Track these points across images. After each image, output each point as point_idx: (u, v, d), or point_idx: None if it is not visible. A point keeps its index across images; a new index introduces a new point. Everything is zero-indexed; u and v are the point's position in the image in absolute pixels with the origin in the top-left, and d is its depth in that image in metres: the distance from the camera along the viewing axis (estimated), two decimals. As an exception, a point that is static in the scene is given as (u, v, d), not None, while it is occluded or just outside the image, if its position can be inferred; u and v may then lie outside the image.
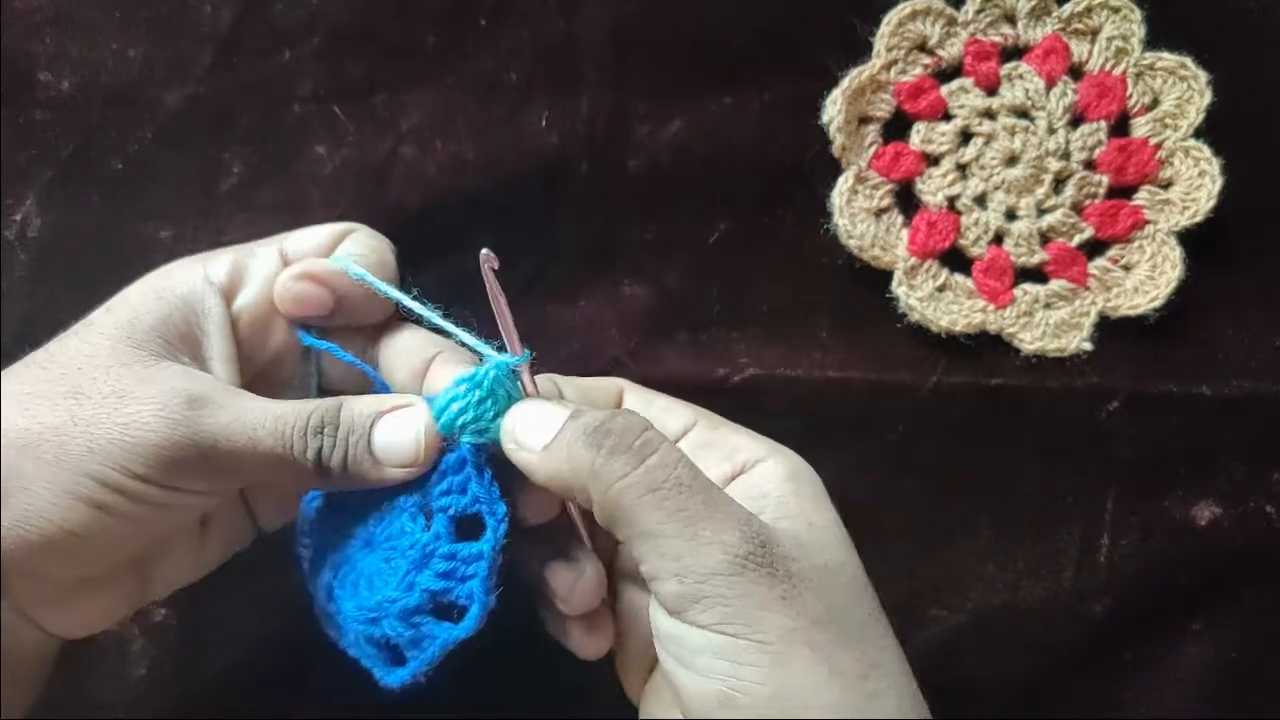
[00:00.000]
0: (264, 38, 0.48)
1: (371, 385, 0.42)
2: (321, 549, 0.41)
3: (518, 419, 0.37)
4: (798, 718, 0.33)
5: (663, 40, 0.48)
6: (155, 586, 0.41)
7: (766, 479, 0.38)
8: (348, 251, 0.41)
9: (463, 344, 0.39)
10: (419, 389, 0.40)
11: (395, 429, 0.37)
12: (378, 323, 0.42)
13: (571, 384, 0.42)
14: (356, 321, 0.41)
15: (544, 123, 0.48)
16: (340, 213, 0.48)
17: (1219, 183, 0.47)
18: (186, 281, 0.40)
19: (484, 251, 0.37)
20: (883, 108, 0.49)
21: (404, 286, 0.41)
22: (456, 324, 0.39)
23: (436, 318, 0.39)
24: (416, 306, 0.40)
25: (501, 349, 0.39)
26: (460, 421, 0.37)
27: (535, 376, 0.39)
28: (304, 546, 0.41)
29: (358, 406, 0.38)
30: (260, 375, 0.42)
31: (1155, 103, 0.48)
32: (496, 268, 0.37)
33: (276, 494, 0.43)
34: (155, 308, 0.39)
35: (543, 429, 0.36)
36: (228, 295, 0.40)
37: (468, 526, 0.38)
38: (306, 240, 0.42)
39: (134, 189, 0.48)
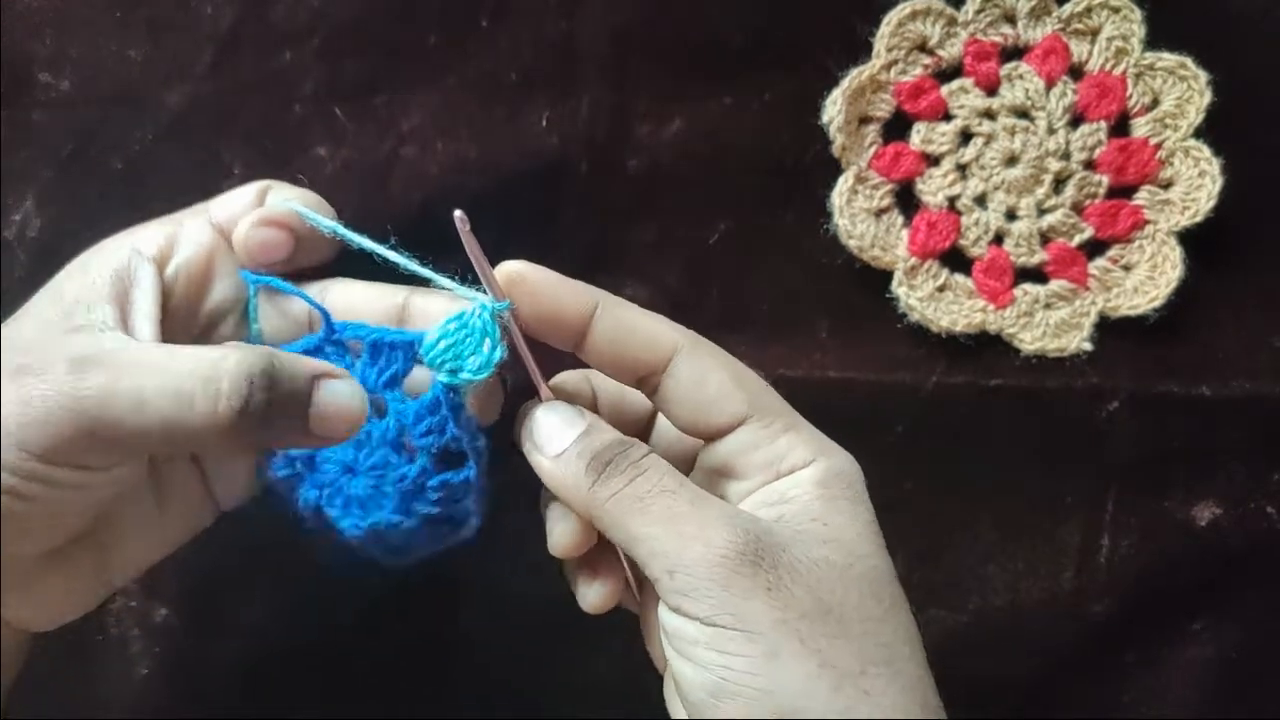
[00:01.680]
0: (264, 38, 0.48)
1: (320, 326, 0.41)
2: (298, 472, 0.42)
3: (540, 421, 0.38)
4: (787, 712, 0.33)
5: (663, 40, 0.48)
6: (117, 570, 0.40)
7: (796, 484, 0.37)
8: (282, 199, 0.42)
9: (443, 288, 0.39)
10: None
11: (338, 389, 0.36)
12: (322, 278, 0.42)
13: (606, 384, 0.42)
14: (309, 262, 0.42)
15: (544, 123, 0.48)
16: (341, 213, 0.48)
17: (1219, 183, 0.47)
18: (114, 253, 0.39)
19: (457, 214, 0.36)
20: (883, 108, 0.49)
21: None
22: (427, 266, 0.39)
23: (409, 261, 0.39)
24: (383, 250, 0.39)
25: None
26: (443, 361, 0.39)
27: (575, 373, 0.41)
28: (278, 469, 0.42)
29: (295, 360, 0.35)
30: (200, 339, 0.41)
31: (1155, 103, 0.48)
32: (468, 228, 0.37)
33: (229, 468, 0.42)
34: (80, 279, 0.38)
35: (557, 439, 0.38)
36: (159, 263, 0.39)
37: (449, 454, 0.40)
38: (232, 202, 0.42)
39: (134, 189, 0.48)
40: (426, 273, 0.39)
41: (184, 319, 0.40)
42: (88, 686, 0.48)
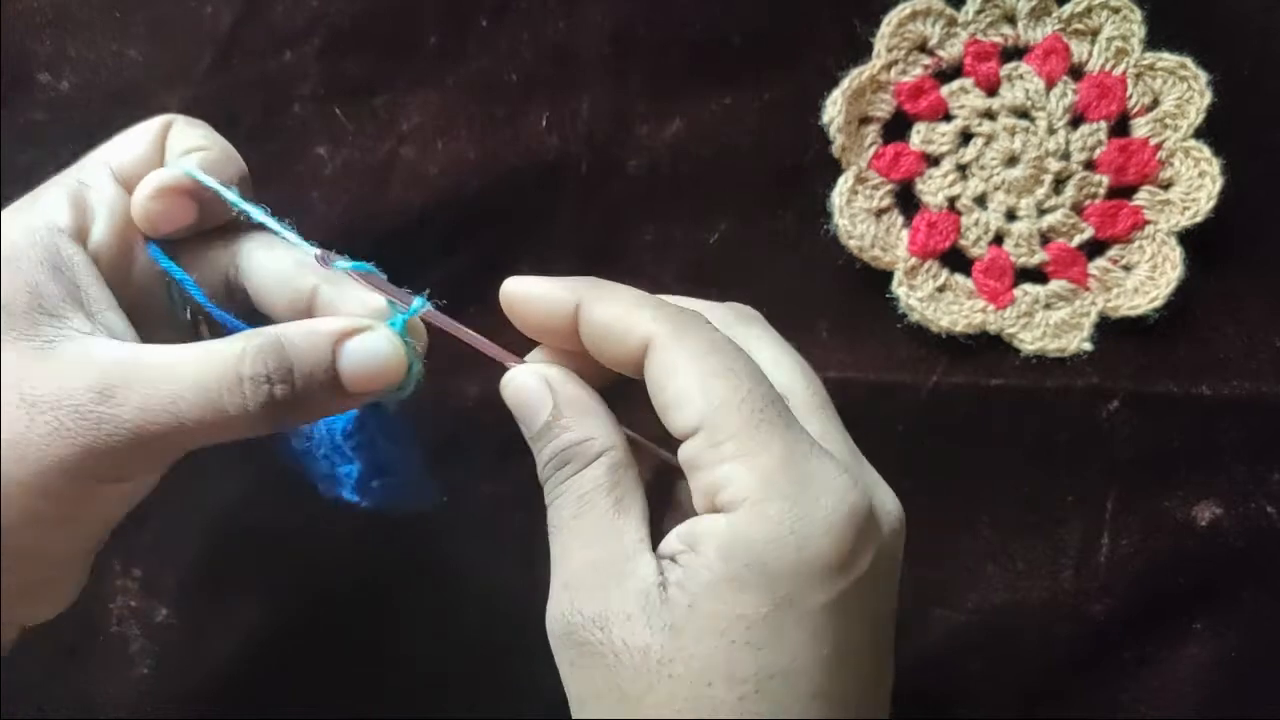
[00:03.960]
0: (264, 38, 0.48)
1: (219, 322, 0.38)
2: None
3: (512, 391, 0.36)
4: None
5: (663, 40, 0.48)
6: (100, 543, 0.39)
7: (708, 534, 0.31)
8: (182, 149, 0.37)
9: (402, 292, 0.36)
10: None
11: (365, 348, 0.34)
12: (237, 229, 0.38)
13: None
14: (217, 222, 0.38)
15: (544, 123, 0.48)
16: (341, 213, 0.48)
17: (1219, 183, 0.47)
18: (34, 239, 0.34)
19: (315, 253, 0.35)
20: (883, 108, 0.49)
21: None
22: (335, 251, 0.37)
23: (304, 243, 0.36)
24: (279, 229, 0.37)
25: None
26: None
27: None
28: None
29: (307, 335, 0.34)
30: (133, 310, 0.37)
31: (1155, 103, 0.48)
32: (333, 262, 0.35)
33: None
34: (19, 282, 0.33)
35: (535, 418, 0.35)
36: (80, 237, 0.35)
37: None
38: (131, 149, 0.37)
39: (134, 189, 0.48)
40: (308, 251, 0.36)
41: (115, 296, 0.36)
42: (88, 686, 0.48)
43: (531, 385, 0.35)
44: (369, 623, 0.49)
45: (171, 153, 0.38)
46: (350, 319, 0.35)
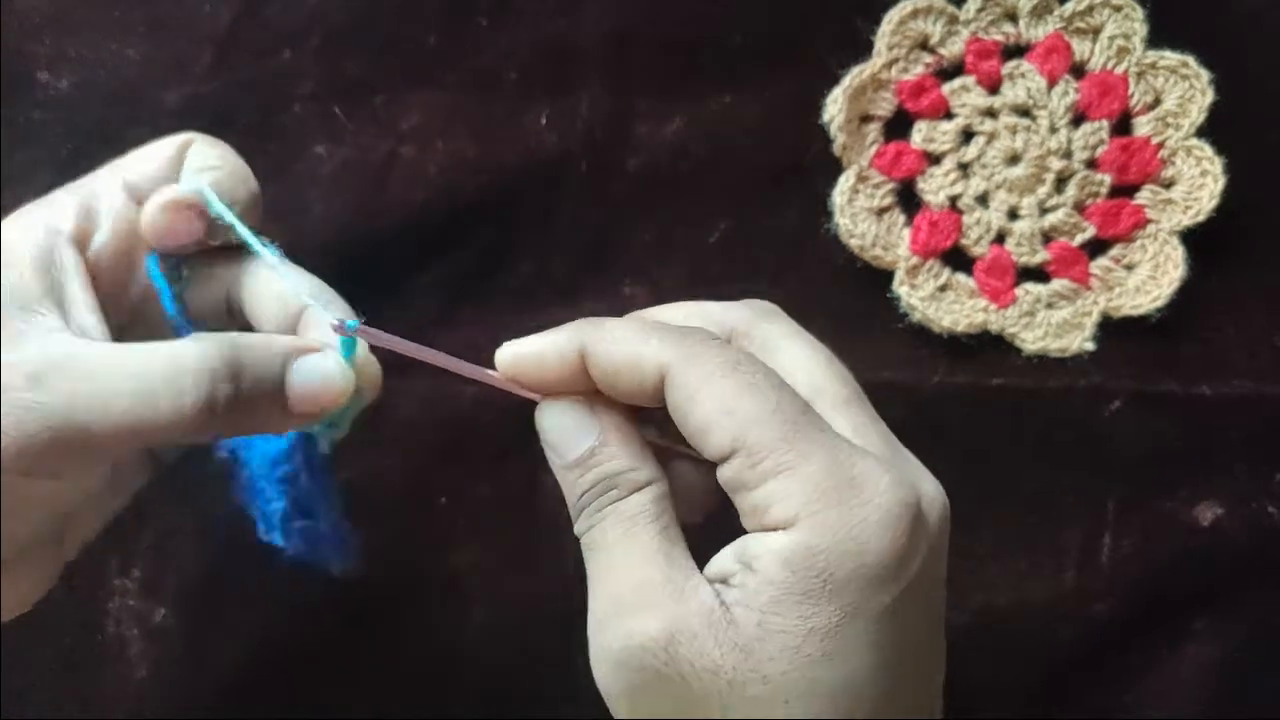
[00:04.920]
0: (264, 38, 0.48)
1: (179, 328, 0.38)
2: (232, 458, 0.40)
3: (554, 421, 0.35)
4: None
5: (663, 40, 0.48)
6: (71, 545, 0.39)
7: (766, 552, 0.30)
8: (197, 167, 0.38)
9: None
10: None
11: (316, 367, 0.34)
12: (243, 249, 0.38)
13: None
14: (226, 239, 0.38)
15: (544, 122, 0.48)
16: (340, 212, 0.48)
17: (1221, 182, 0.47)
18: (30, 237, 0.35)
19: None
20: (884, 106, 0.48)
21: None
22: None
23: (293, 275, 0.37)
24: (272, 260, 0.37)
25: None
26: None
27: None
28: (220, 448, 0.40)
29: (263, 342, 0.34)
30: (133, 320, 0.38)
31: (1157, 102, 0.48)
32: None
33: None
34: (3, 277, 0.34)
35: (574, 446, 0.34)
36: (80, 242, 0.36)
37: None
38: (148, 163, 0.38)
39: (134, 189, 0.48)
40: (304, 298, 0.36)
41: (112, 302, 0.37)
42: (88, 686, 0.48)
43: (575, 412, 0.34)
44: (368, 624, 0.49)
45: (188, 170, 0.38)
46: (308, 339, 0.35)
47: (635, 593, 0.31)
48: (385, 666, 0.49)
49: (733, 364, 0.32)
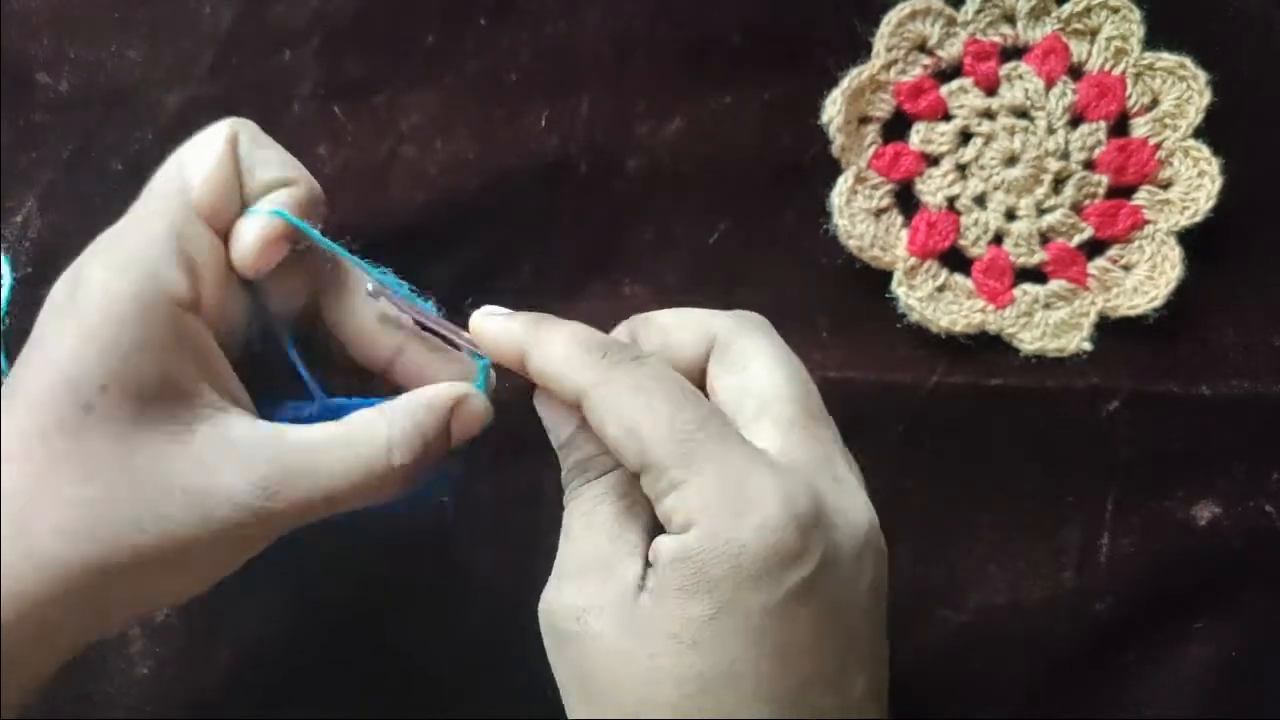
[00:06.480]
0: (264, 38, 0.48)
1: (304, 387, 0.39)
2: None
3: (542, 407, 0.38)
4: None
5: (663, 40, 0.48)
6: None
7: (665, 554, 0.33)
8: (264, 183, 0.37)
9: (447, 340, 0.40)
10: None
11: (472, 411, 0.38)
12: (314, 257, 0.39)
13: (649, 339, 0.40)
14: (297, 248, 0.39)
15: (544, 123, 0.48)
16: (340, 212, 0.48)
17: (1218, 183, 0.47)
18: (155, 315, 0.33)
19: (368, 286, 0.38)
20: (882, 108, 0.49)
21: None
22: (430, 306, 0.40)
23: (417, 302, 0.39)
24: (376, 275, 0.39)
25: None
26: None
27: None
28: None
29: (429, 409, 0.37)
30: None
31: (1155, 103, 0.48)
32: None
33: None
34: (149, 367, 0.33)
35: (559, 430, 0.37)
36: (195, 306, 0.35)
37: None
38: (207, 175, 0.37)
39: (134, 189, 0.48)
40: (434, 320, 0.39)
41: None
42: (89, 684, 0.48)
43: (557, 400, 0.37)
44: (370, 623, 0.49)
45: (250, 177, 0.37)
46: (456, 386, 0.38)
47: (574, 563, 0.35)
48: (385, 666, 0.49)
49: (638, 386, 0.34)
